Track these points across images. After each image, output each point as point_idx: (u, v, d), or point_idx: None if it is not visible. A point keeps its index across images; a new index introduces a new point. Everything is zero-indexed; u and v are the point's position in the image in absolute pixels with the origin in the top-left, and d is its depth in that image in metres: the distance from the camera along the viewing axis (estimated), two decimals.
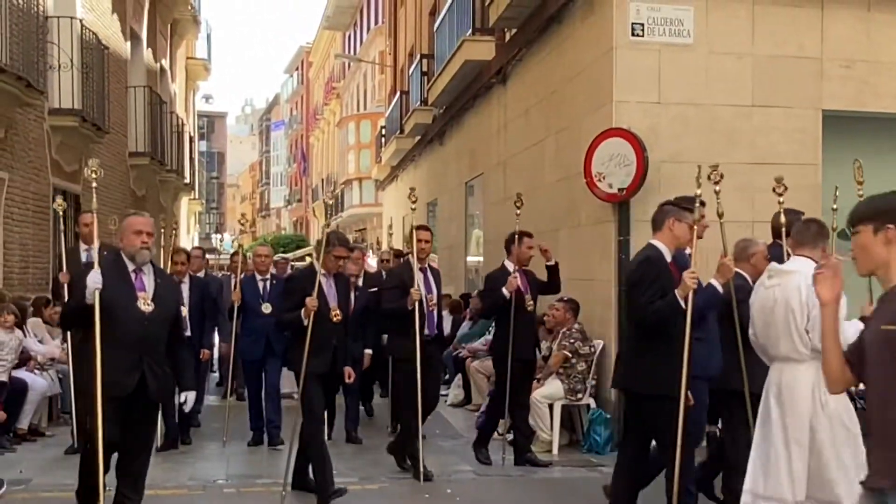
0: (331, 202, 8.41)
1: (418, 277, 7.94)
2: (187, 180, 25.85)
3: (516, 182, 12.88)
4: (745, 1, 9.52)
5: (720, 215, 6.05)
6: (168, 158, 21.32)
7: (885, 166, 10.23)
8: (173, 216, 11.79)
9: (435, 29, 18.34)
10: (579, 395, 9.09)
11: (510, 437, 9.49)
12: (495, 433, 9.75)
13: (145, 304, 5.57)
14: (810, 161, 9.64)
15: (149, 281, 5.67)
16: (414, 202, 8.39)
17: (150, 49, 20.86)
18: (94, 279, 5.40)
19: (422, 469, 7.72)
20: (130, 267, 5.64)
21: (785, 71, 9.57)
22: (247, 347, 9.36)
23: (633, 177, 9.05)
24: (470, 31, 14.88)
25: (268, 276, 9.51)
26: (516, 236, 8.44)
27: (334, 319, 7.02)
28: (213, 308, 9.60)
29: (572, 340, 9.09)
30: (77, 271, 6.16)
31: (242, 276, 9.72)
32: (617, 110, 9.29)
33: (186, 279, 9.26)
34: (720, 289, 5.85)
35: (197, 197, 33.27)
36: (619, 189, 9.12)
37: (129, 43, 18.61)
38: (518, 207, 8.61)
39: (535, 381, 9.21)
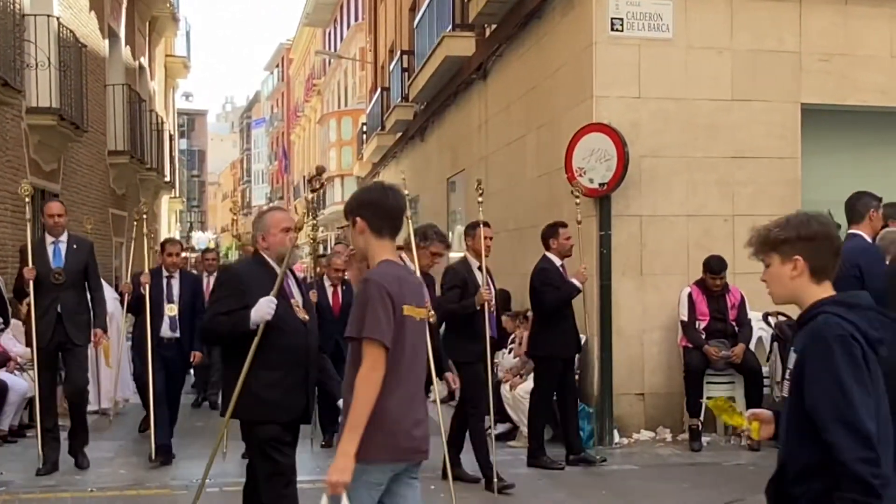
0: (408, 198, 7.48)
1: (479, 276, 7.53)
2: (167, 178, 25.74)
3: (498, 178, 12.88)
4: None
5: None
6: (148, 157, 21.21)
7: (864, 159, 10.32)
8: (144, 202, 11.25)
9: (415, 25, 18.32)
10: None
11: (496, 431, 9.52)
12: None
13: (302, 313, 4.90)
14: (790, 155, 9.69)
15: (294, 286, 5.01)
16: (481, 195, 7.71)
17: (128, 47, 20.73)
18: (268, 308, 4.67)
19: (496, 479, 7.19)
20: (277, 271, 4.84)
21: (764, 65, 9.61)
22: None
23: (614, 172, 9.06)
24: (450, 27, 14.87)
25: None
26: (555, 228, 8.19)
27: (431, 321, 6.19)
28: (201, 306, 8.80)
29: None
30: (230, 283, 4.99)
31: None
32: (597, 105, 9.30)
33: (177, 274, 8.68)
34: None
35: (177, 195, 33.14)
36: (599, 184, 9.13)
37: (107, 41, 18.48)
38: (577, 198, 8.37)
39: (519, 377, 9.22)
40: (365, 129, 28.65)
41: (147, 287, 8.37)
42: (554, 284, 8.03)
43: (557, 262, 8.11)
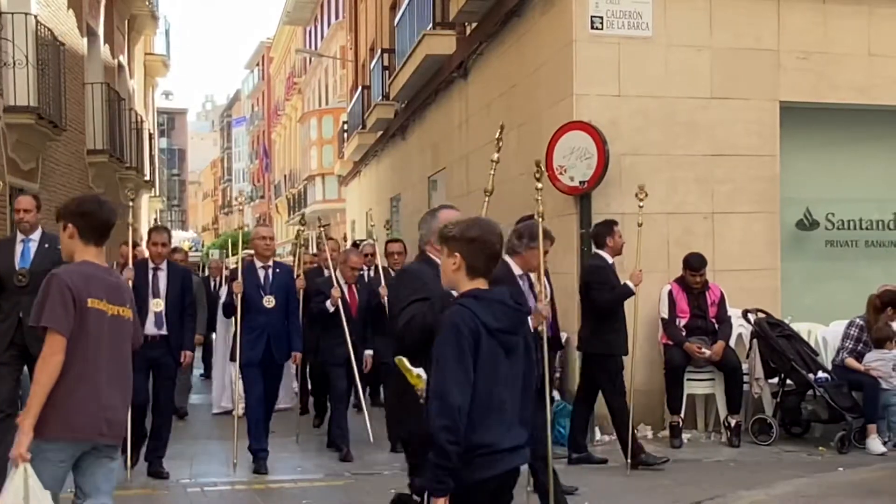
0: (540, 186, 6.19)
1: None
2: (147, 178, 25.61)
3: (479, 176, 12.89)
4: None
5: None
6: (127, 156, 21.09)
7: (841, 157, 10.40)
8: (130, 188, 9.93)
9: (395, 23, 18.30)
10: None
11: None
12: None
13: None
14: (768, 152, 9.74)
15: None
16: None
17: (107, 45, 20.61)
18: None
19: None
20: None
21: (743, 63, 9.66)
22: (244, 348, 7.87)
23: (595, 169, 9.09)
24: (430, 25, 14.86)
25: (270, 263, 8.15)
26: (610, 225, 7.98)
27: (539, 328, 5.89)
28: (192, 302, 8.19)
29: None
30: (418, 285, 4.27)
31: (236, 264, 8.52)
32: (577, 103, 9.32)
33: (164, 265, 7.85)
34: None
35: (157, 194, 32.98)
36: (580, 182, 9.15)
37: (85, 39, 18.36)
38: (640, 200, 8.10)
39: None
40: (346, 127, 28.60)
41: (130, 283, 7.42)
42: (611, 283, 7.85)
43: (610, 260, 7.94)
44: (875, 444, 8.45)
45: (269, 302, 7.92)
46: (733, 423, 8.78)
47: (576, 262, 9.24)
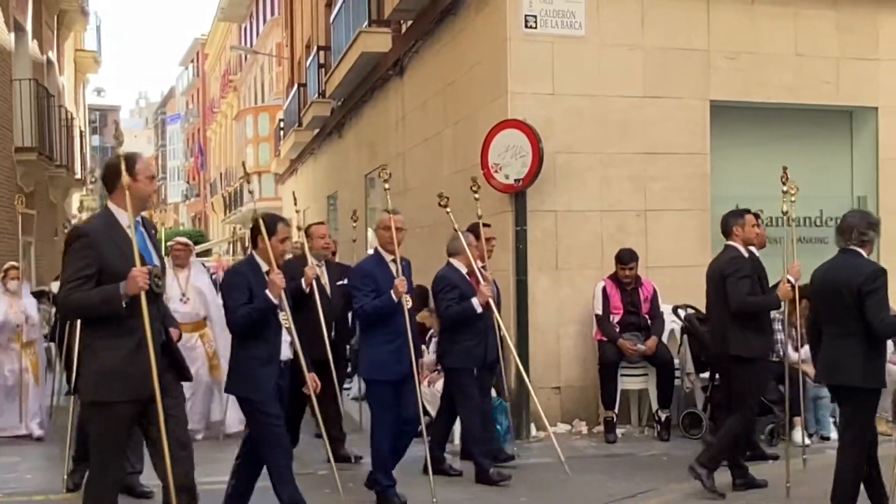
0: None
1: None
2: (79, 176, 25.14)
3: (415, 174, 12.90)
4: None
5: None
6: (57, 154, 20.66)
7: (770, 154, 10.58)
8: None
9: (331, 20, 18.21)
10: None
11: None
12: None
13: None
14: (699, 150, 9.90)
15: None
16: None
17: (35, 41, 20.17)
18: None
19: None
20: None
21: (674, 62, 9.80)
22: (389, 362, 6.57)
23: (529, 167, 9.14)
24: (366, 22, 14.81)
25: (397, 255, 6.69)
26: (742, 214, 7.18)
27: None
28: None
29: None
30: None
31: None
32: (512, 102, 9.37)
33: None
34: None
35: (89, 192, 32.38)
36: (515, 180, 9.20)
37: (12, 34, 17.96)
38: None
39: (437, 373, 9.21)
40: (282, 125, 28.38)
41: None
42: (743, 273, 6.87)
43: (744, 251, 7.04)
44: (799, 435, 8.64)
45: (408, 302, 6.57)
46: (663, 417, 8.91)
47: (511, 260, 9.29)
